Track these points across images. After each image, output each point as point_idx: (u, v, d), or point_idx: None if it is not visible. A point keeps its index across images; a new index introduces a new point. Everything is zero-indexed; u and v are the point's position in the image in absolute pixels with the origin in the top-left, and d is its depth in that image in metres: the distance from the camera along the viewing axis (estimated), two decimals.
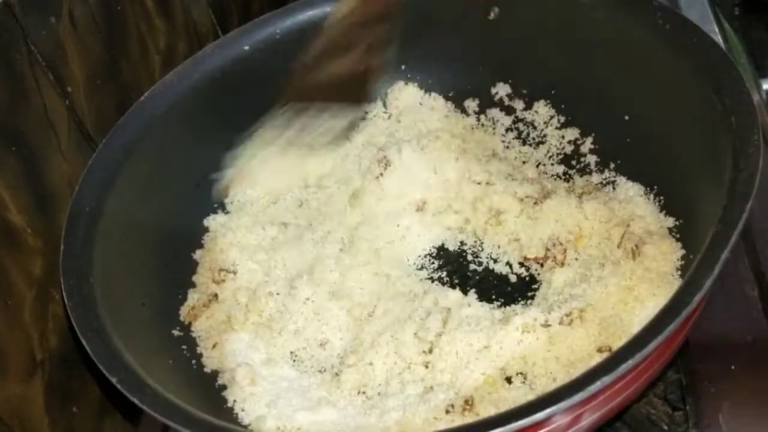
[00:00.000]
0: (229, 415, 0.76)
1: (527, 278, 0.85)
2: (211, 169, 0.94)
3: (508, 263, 0.87)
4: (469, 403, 0.72)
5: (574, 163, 0.93)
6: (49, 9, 0.79)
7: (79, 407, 0.80)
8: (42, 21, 0.78)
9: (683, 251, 0.77)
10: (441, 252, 0.90)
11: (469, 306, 0.81)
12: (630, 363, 0.58)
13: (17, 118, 0.75)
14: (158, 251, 0.86)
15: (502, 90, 0.99)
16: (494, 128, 0.99)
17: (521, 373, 0.75)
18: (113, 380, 0.66)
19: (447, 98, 1.02)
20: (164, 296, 0.84)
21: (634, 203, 0.85)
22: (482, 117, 1.00)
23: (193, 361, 0.81)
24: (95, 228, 0.79)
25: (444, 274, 0.88)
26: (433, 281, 0.87)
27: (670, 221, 0.81)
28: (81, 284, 0.74)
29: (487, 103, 1.00)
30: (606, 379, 0.57)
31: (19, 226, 0.74)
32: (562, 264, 0.83)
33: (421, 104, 1.02)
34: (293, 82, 0.85)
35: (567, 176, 0.93)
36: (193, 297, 0.86)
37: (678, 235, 0.79)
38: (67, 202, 0.80)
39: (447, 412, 0.72)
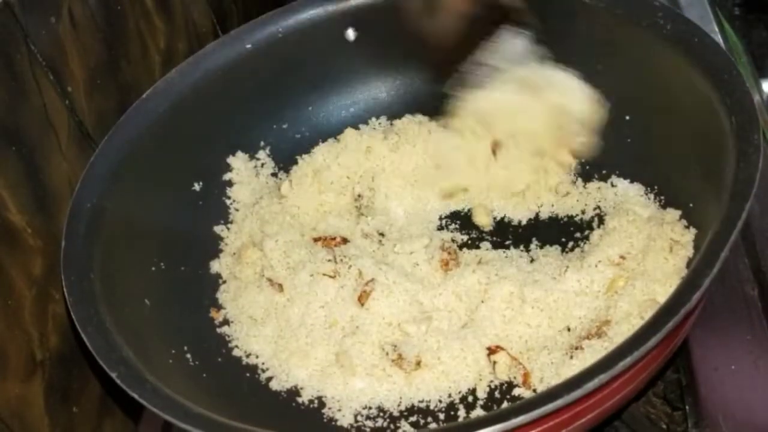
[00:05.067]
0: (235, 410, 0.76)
1: None
2: (212, 167, 0.95)
3: None
4: None
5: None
6: (49, 9, 0.79)
7: (79, 407, 0.80)
8: (42, 21, 0.78)
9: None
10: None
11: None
12: (628, 361, 0.58)
13: (17, 118, 0.75)
14: (159, 248, 0.86)
15: None
16: None
17: None
18: (113, 375, 0.66)
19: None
20: (165, 293, 0.84)
21: (635, 203, 0.85)
22: None
23: (194, 358, 0.81)
24: (96, 225, 0.79)
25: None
26: None
27: None
28: (82, 280, 0.74)
29: None
30: (603, 377, 0.58)
31: (19, 226, 0.74)
32: None
33: None
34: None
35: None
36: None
37: None
38: (67, 202, 0.80)
39: None
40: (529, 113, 0.87)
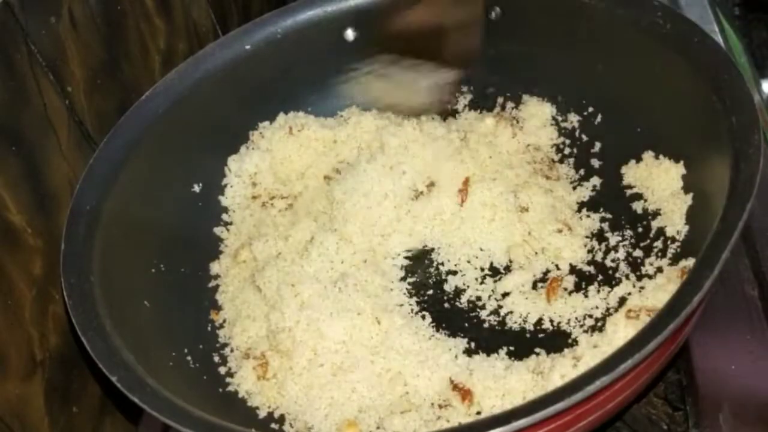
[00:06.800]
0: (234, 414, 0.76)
1: None
2: (212, 168, 0.95)
3: None
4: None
5: None
6: (49, 9, 0.79)
7: (79, 407, 0.80)
8: (42, 21, 0.78)
9: None
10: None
11: None
12: (629, 363, 0.58)
13: (17, 118, 0.75)
14: (159, 250, 0.86)
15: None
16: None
17: None
18: (113, 379, 0.66)
19: None
20: (165, 294, 0.83)
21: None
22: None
23: (194, 360, 0.81)
24: (96, 227, 0.79)
25: None
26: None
27: None
28: (81, 283, 0.74)
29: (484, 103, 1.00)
30: (605, 379, 0.57)
31: (19, 226, 0.74)
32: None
33: None
34: (378, 29, 0.81)
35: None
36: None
37: None
38: (67, 202, 0.80)
39: None
40: None
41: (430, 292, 0.85)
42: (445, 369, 0.76)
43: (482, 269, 0.86)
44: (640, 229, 0.83)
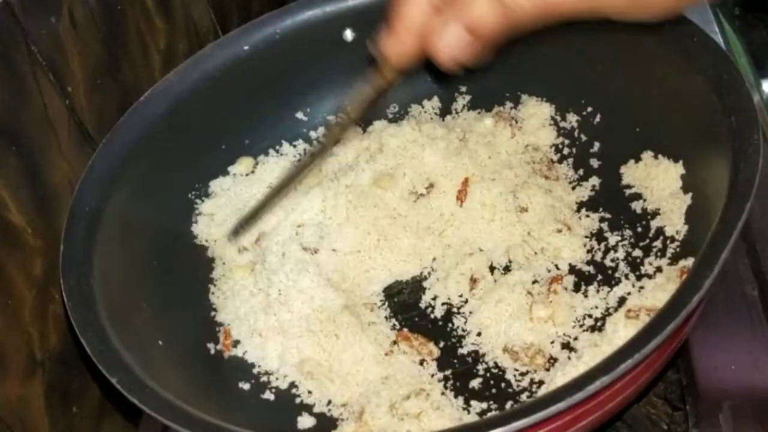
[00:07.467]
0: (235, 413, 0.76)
1: None
2: (211, 169, 0.95)
3: None
4: None
5: None
6: (49, 9, 0.79)
7: (79, 407, 0.80)
8: (42, 21, 0.78)
9: None
10: None
11: None
12: (629, 363, 0.58)
13: (17, 118, 0.75)
14: (158, 251, 0.86)
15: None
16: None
17: None
18: (113, 380, 0.66)
19: (440, 98, 1.02)
20: (164, 296, 0.83)
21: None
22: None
23: (194, 361, 0.81)
24: (95, 228, 0.78)
25: None
26: None
27: None
28: (81, 284, 0.74)
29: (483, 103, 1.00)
30: (605, 379, 0.57)
31: (19, 226, 0.74)
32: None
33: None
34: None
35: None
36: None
37: None
38: (67, 202, 0.80)
39: None
40: None
41: None
42: None
43: None
44: (639, 229, 0.83)
